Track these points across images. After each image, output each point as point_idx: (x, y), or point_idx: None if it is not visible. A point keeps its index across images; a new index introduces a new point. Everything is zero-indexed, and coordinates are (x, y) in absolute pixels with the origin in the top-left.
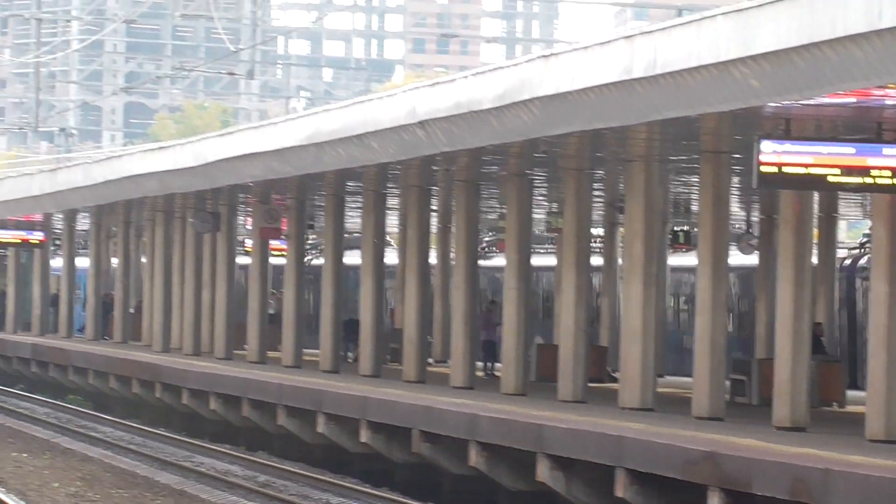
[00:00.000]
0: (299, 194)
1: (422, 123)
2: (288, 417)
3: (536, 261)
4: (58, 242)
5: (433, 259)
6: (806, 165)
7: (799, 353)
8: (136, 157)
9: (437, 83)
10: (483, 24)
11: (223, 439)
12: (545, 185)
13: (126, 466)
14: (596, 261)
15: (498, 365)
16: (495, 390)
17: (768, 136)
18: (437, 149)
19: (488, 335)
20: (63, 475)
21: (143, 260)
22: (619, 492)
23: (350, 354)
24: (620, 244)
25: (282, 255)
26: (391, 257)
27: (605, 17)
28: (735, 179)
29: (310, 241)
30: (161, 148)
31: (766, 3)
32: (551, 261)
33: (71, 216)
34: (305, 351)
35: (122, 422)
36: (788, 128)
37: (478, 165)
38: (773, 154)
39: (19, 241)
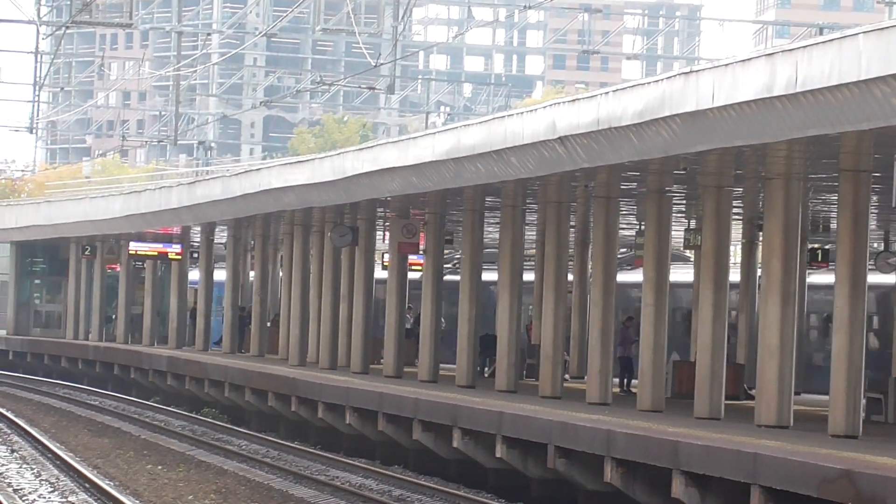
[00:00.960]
0: (438, 209)
1: (561, 139)
2: (424, 432)
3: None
4: (195, 255)
5: (571, 275)
6: None
7: None
8: (274, 170)
9: (577, 99)
10: (624, 40)
11: (359, 453)
12: (684, 201)
13: (261, 480)
14: (733, 278)
15: (634, 381)
16: (631, 407)
17: None
18: (576, 165)
19: (625, 351)
20: (198, 488)
21: (281, 273)
22: None
23: (486, 370)
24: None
25: (419, 270)
26: (528, 273)
27: (745, 35)
28: (874, 198)
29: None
30: (300, 162)
31: None
32: (683, 277)
33: (209, 229)
34: (441, 366)
35: (258, 435)
36: None
37: (617, 182)
38: None
39: (157, 253)
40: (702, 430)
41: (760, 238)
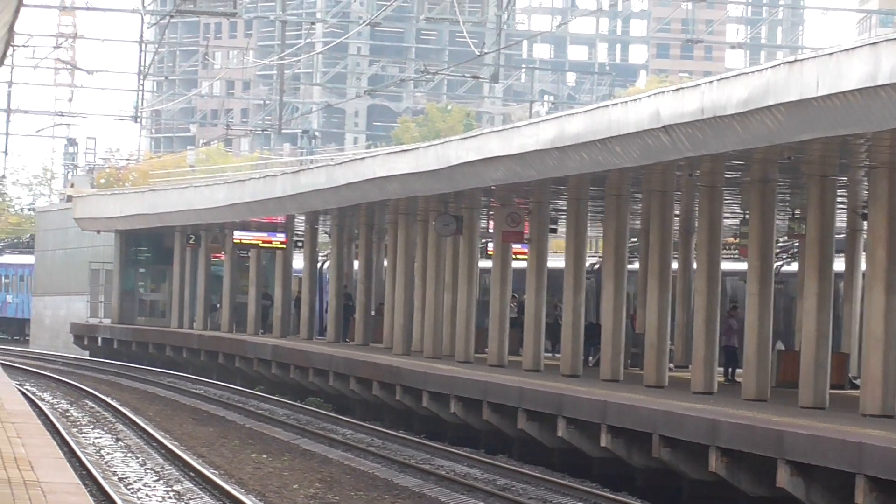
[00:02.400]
0: (542, 198)
1: (665, 128)
2: (528, 421)
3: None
4: (300, 244)
5: (674, 264)
6: None
7: None
8: (378, 159)
9: (682, 88)
10: (727, 29)
11: (463, 442)
12: (788, 190)
13: (366, 469)
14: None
15: (738, 371)
16: (736, 396)
17: None
18: (680, 154)
19: (729, 341)
20: (302, 477)
21: (385, 262)
22: (860, 499)
23: (591, 358)
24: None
25: (524, 259)
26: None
27: (849, 24)
28: None
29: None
30: (404, 151)
31: None
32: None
33: (313, 218)
34: (545, 355)
35: (362, 424)
36: None
37: (720, 171)
38: None
39: (261, 242)
40: (806, 419)
41: (865, 227)
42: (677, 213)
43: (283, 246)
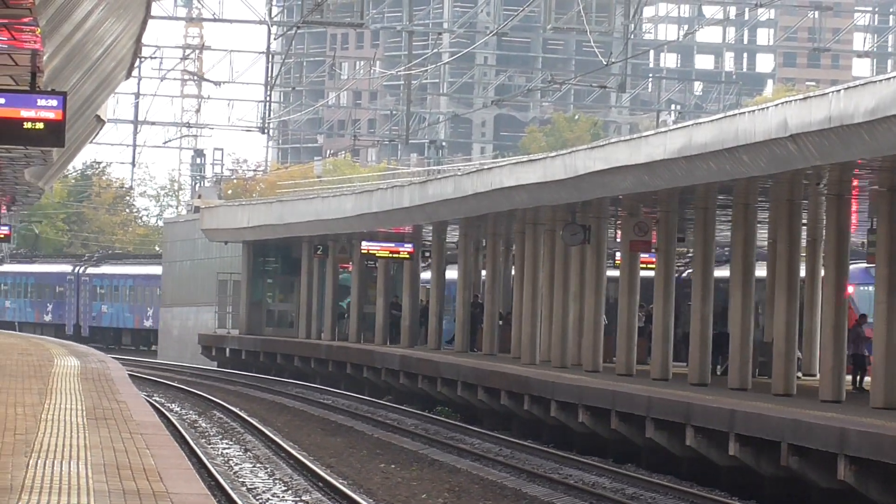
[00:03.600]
0: (669, 207)
1: (793, 137)
2: (656, 430)
3: None
4: (427, 254)
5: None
6: None
7: None
8: (506, 169)
9: (809, 97)
10: (854, 38)
11: (591, 452)
12: None
13: (494, 478)
14: None
15: (867, 379)
16: (864, 404)
17: None
18: (807, 162)
19: (857, 349)
20: (431, 487)
21: (513, 271)
22: None
23: (719, 367)
24: None
25: (651, 268)
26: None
27: None
28: None
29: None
30: (531, 160)
31: None
32: None
33: (441, 228)
34: (673, 363)
35: (491, 434)
36: None
37: (848, 179)
38: None
39: (389, 252)
40: None
41: None
42: (805, 221)
43: (411, 256)
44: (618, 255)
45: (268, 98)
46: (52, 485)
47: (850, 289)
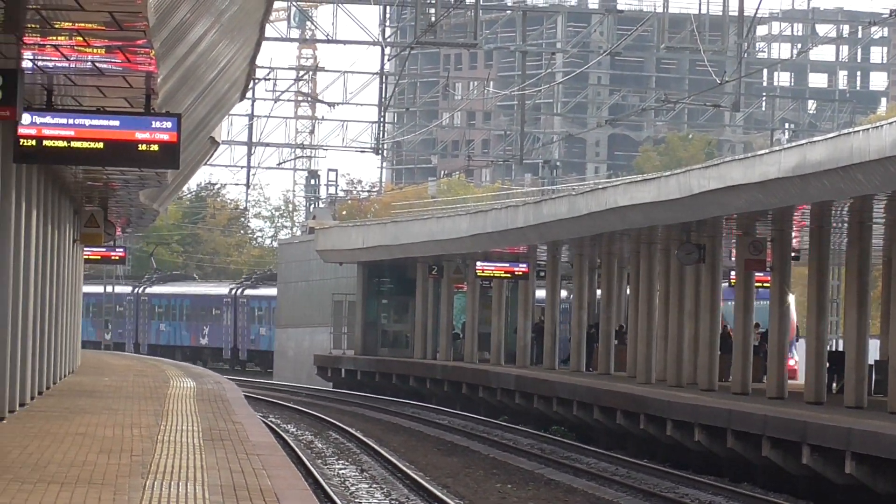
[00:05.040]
0: (784, 226)
1: None
2: (772, 449)
3: None
4: (542, 274)
5: None
6: None
7: None
8: (620, 188)
9: None
10: None
11: (707, 470)
12: None
13: (610, 498)
14: None
15: None
16: None
17: None
18: None
19: None
20: None
21: (627, 291)
22: None
23: (834, 385)
24: None
25: (765, 287)
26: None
27: None
28: None
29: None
30: (645, 180)
31: None
32: None
33: (555, 248)
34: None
35: (606, 453)
36: None
37: None
38: None
39: (504, 272)
40: None
41: None
42: None
43: (525, 275)
44: (732, 273)
45: (382, 119)
46: None
47: None
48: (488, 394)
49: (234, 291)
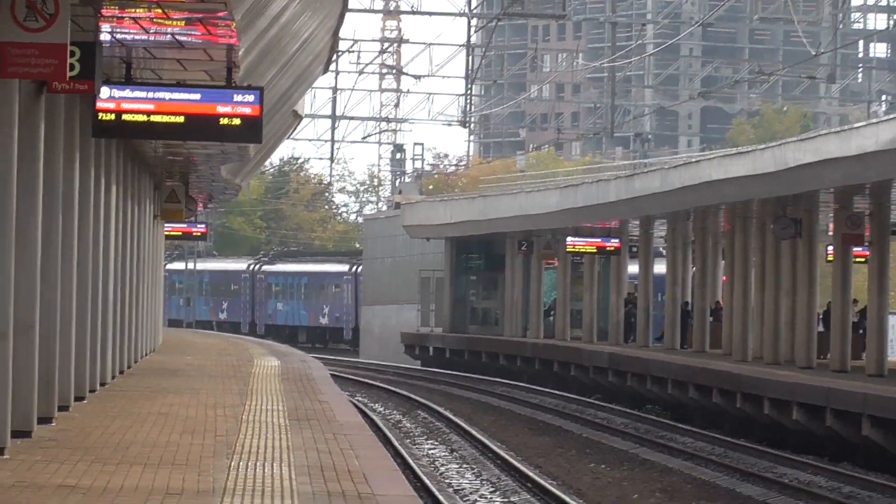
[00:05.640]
0: (882, 199)
1: None
2: (873, 427)
3: None
4: (634, 249)
5: None
6: None
7: None
8: (713, 162)
9: None
10: None
11: (806, 450)
12: None
13: (707, 478)
14: None
15: None
16: None
17: None
18: None
19: None
20: (642, 487)
21: (722, 267)
22: None
23: None
24: None
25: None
26: None
27: None
28: None
29: None
30: (739, 153)
31: None
32: None
33: (647, 222)
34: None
35: (702, 432)
36: None
37: None
38: None
39: (595, 248)
40: None
41: None
42: None
43: (617, 251)
44: (829, 248)
45: (469, 91)
46: (254, 487)
47: None
48: (581, 372)
49: (353, 269)
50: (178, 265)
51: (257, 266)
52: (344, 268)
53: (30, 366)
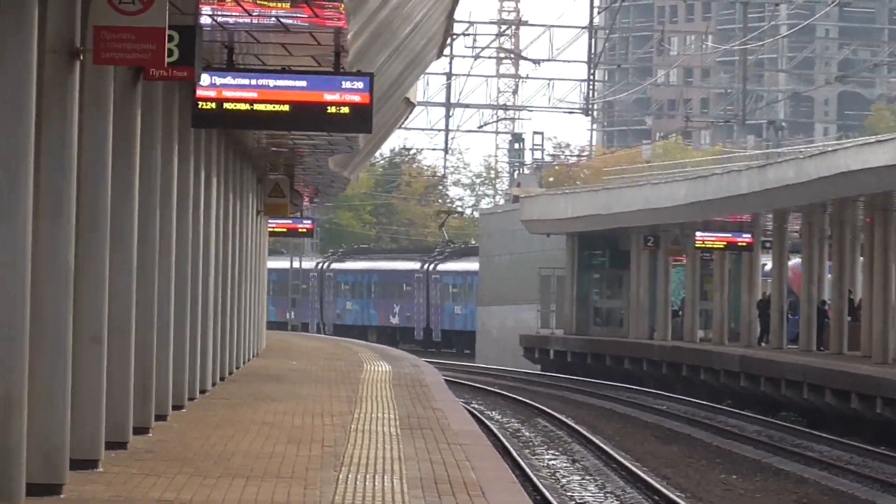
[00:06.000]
0: None
1: None
2: None
3: None
4: (767, 245)
5: None
6: None
7: None
8: (851, 151)
9: None
10: None
11: None
12: None
13: (845, 489)
14: None
15: None
16: None
17: None
18: None
19: None
20: (776, 499)
21: (861, 262)
22: None
23: None
24: None
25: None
26: None
27: None
28: None
29: None
30: (879, 141)
31: None
32: None
33: (781, 216)
34: None
35: (840, 440)
36: None
37: None
38: None
39: (725, 243)
40: None
41: None
42: None
43: (748, 246)
44: None
45: (591, 77)
46: (363, 501)
47: None
48: (710, 376)
49: (425, 266)
50: None
51: (325, 264)
52: (415, 265)
53: (125, 372)
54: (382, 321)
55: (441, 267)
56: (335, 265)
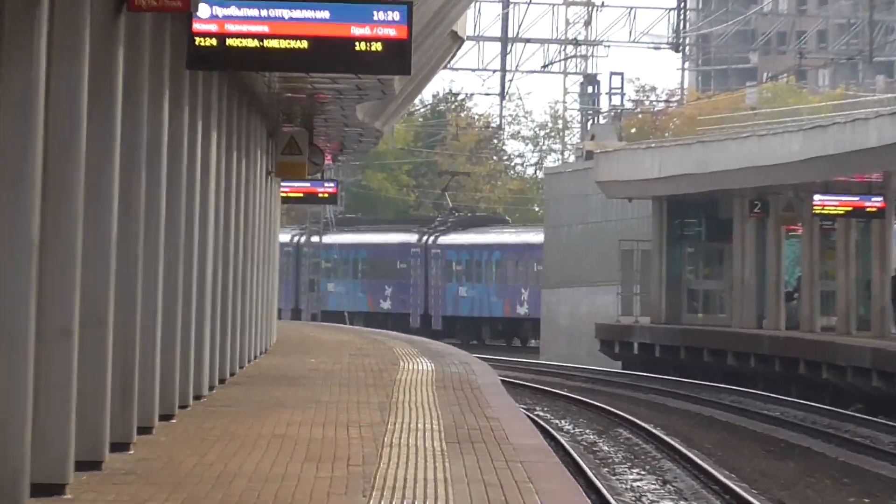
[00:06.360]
0: None
1: None
2: None
3: None
4: None
5: None
6: None
7: None
8: None
9: None
10: None
11: None
12: None
13: None
14: None
15: None
16: None
17: None
18: None
19: None
20: None
21: None
22: None
23: None
24: None
25: None
26: None
27: None
28: None
29: None
30: None
31: None
32: None
33: None
34: None
35: None
36: None
37: None
38: None
39: (851, 209)
40: None
41: None
42: None
43: (880, 211)
44: None
45: (683, 5)
46: None
47: None
48: (835, 374)
49: (423, 239)
50: None
51: (302, 238)
52: (411, 238)
53: (101, 374)
54: (371, 306)
55: (443, 240)
56: (314, 238)
